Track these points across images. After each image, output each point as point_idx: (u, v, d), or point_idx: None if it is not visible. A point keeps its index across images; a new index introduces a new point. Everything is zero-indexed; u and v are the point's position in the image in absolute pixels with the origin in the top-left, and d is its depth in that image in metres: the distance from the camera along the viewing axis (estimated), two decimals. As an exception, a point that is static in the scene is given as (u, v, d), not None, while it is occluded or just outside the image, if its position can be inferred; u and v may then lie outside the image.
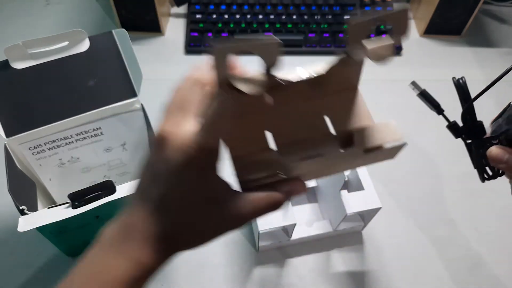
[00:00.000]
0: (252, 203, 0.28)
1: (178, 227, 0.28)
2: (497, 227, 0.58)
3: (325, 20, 0.79)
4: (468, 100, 0.40)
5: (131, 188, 0.30)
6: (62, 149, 0.51)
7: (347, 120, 0.36)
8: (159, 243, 0.27)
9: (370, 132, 0.35)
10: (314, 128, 0.35)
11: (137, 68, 0.50)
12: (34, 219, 0.41)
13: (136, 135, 0.53)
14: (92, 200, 0.42)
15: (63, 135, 0.50)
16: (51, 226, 0.43)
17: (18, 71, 0.46)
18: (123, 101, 0.50)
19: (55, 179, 0.52)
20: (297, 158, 0.32)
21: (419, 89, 0.47)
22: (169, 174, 0.26)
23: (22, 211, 0.42)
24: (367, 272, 0.54)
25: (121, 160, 0.55)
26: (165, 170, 0.27)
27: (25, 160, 0.50)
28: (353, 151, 0.33)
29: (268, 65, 0.27)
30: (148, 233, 0.27)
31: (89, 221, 0.46)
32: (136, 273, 0.27)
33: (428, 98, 0.46)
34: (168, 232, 0.27)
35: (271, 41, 0.25)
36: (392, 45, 0.30)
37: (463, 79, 0.41)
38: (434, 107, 0.45)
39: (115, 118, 0.51)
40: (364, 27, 0.28)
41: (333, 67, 0.31)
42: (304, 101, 0.34)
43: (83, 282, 0.28)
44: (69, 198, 0.42)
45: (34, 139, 0.48)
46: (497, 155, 0.38)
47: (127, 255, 0.27)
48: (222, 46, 0.24)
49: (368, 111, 0.35)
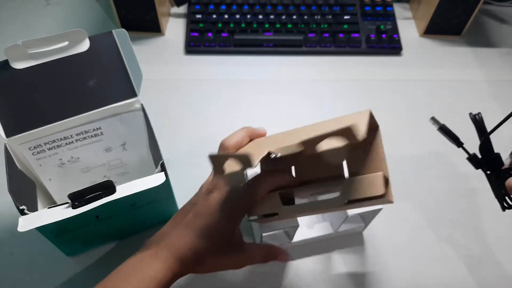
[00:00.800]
0: (255, 253, 0.42)
1: (201, 252, 0.37)
2: (497, 227, 0.58)
3: (325, 20, 0.79)
4: (485, 133, 0.41)
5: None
6: (62, 149, 0.50)
7: (360, 164, 0.37)
8: (185, 258, 0.37)
9: (358, 183, 0.36)
10: (330, 169, 0.39)
11: (137, 68, 0.50)
12: (34, 219, 0.41)
13: (136, 135, 0.53)
14: (92, 200, 0.42)
15: (63, 135, 0.50)
16: (51, 226, 0.43)
17: (18, 71, 0.46)
18: (123, 101, 0.50)
19: (55, 179, 0.52)
20: (307, 194, 0.40)
21: (438, 124, 0.48)
22: (210, 214, 0.38)
23: (22, 211, 0.42)
24: (368, 273, 0.54)
25: (121, 160, 0.55)
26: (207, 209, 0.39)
27: (25, 160, 0.49)
28: (337, 201, 0.36)
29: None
30: (180, 249, 0.37)
31: (89, 221, 0.46)
32: (166, 275, 0.35)
33: (448, 132, 0.48)
34: (193, 254, 0.37)
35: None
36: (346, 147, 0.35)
37: (479, 115, 0.44)
38: (454, 140, 0.47)
39: (115, 118, 0.51)
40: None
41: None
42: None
43: (122, 278, 0.35)
44: (69, 198, 0.42)
45: (34, 139, 0.48)
46: None
47: (162, 259, 0.36)
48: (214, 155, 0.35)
49: (382, 155, 0.36)
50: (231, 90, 0.72)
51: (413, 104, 0.72)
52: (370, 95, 0.72)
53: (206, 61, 0.76)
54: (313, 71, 0.75)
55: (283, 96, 0.72)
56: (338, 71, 0.76)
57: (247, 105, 0.70)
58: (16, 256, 0.53)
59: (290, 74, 0.75)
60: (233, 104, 0.70)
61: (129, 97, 0.50)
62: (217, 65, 0.75)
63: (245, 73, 0.74)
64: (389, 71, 0.76)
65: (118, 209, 0.47)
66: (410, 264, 0.54)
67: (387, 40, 0.77)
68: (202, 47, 0.76)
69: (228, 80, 0.73)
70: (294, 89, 0.73)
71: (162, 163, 0.45)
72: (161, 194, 0.49)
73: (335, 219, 0.53)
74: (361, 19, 0.80)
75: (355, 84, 0.73)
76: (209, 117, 0.67)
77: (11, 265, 0.53)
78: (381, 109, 0.71)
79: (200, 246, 0.37)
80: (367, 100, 0.72)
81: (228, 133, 0.43)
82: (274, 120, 0.67)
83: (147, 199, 0.48)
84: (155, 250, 0.38)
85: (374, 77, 0.75)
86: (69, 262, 0.53)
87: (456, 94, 0.73)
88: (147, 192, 0.43)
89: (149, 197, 0.47)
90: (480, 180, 0.63)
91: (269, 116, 0.68)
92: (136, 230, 0.54)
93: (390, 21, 0.81)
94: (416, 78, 0.76)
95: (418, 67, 0.77)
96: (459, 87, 0.74)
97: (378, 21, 0.81)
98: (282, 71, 0.75)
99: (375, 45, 0.78)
